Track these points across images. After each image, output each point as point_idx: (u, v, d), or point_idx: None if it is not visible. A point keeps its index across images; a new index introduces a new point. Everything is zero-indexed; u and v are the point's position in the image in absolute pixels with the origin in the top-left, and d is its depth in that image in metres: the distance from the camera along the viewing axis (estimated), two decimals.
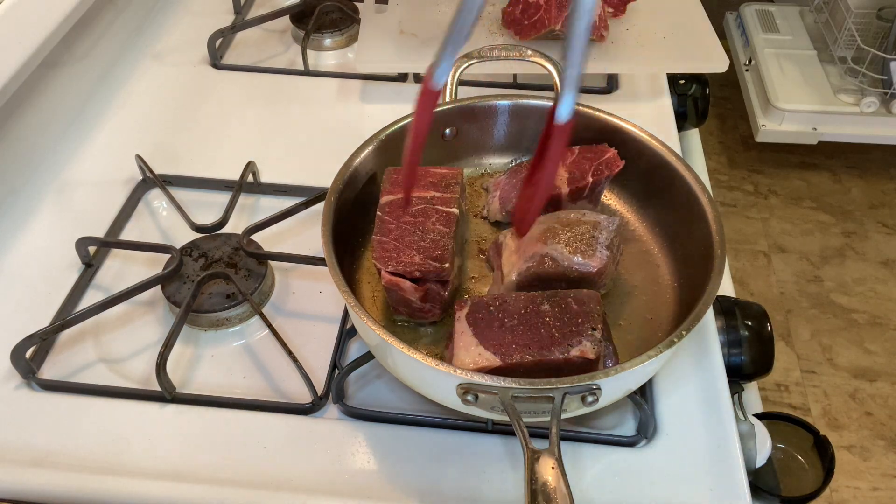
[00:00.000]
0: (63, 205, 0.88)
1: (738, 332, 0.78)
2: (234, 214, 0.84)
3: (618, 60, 1.02)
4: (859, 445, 1.79)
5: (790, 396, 1.89)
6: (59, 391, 0.70)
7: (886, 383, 1.91)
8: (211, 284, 0.76)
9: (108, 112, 1.00)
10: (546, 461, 0.52)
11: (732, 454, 0.67)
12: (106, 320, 0.76)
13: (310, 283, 0.80)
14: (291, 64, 1.11)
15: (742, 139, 2.56)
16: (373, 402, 0.70)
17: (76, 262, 0.80)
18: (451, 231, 0.69)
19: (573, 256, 0.68)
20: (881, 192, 2.40)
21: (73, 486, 0.64)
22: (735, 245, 2.23)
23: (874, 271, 2.18)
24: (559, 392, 0.56)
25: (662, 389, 0.71)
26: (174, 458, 0.66)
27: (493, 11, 1.09)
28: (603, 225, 0.70)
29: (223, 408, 0.69)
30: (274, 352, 0.73)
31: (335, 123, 1.00)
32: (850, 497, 1.71)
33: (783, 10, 2.46)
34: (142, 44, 1.12)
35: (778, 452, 0.84)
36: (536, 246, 0.69)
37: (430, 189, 0.72)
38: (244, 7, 1.20)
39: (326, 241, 0.65)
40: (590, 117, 0.80)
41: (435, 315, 0.70)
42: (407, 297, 0.67)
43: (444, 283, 0.67)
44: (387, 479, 0.65)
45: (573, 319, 0.62)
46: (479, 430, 0.68)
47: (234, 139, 0.97)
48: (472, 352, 0.61)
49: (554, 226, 0.71)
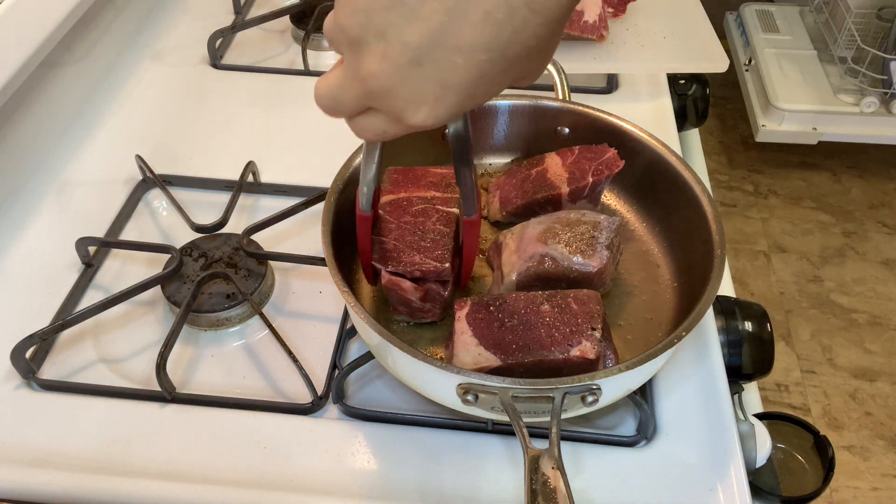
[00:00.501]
0: (63, 205, 0.88)
1: (738, 332, 0.78)
2: (234, 214, 0.84)
3: (618, 60, 1.02)
4: (859, 445, 1.79)
5: (790, 396, 1.89)
6: (59, 391, 0.70)
7: (886, 383, 1.91)
8: (211, 284, 0.76)
9: (108, 112, 1.00)
10: (546, 461, 0.52)
11: (732, 454, 0.67)
12: (106, 320, 0.76)
13: (310, 283, 0.80)
14: (291, 64, 1.11)
15: (742, 139, 2.56)
16: (373, 402, 0.70)
17: (76, 262, 0.80)
18: (451, 231, 0.69)
19: (573, 256, 0.68)
20: (881, 192, 2.40)
21: (73, 486, 0.64)
22: (735, 245, 2.23)
23: (874, 271, 2.18)
24: (559, 392, 0.56)
25: (662, 389, 0.71)
26: (174, 458, 0.66)
27: None
28: (603, 225, 0.70)
29: (223, 408, 0.69)
30: (274, 352, 0.73)
31: (335, 123, 0.98)
32: (850, 497, 1.71)
33: (783, 10, 2.46)
34: (142, 44, 1.12)
35: (778, 452, 0.84)
36: (536, 246, 0.69)
37: (430, 189, 0.72)
38: (244, 7, 1.20)
39: (326, 241, 0.65)
40: (590, 117, 0.80)
41: (435, 315, 0.70)
42: (407, 297, 0.67)
43: (444, 283, 0.67)
44: (387, 479, 0.65)
45: (573, 319, 0.62)
46: (479, 430, 0.68)
47: (234, 139, 0.97)
48: (472, 352, 0.61)
49: (554, 226, 0.71)
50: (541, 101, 0.82)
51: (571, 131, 0.82)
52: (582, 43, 1.03)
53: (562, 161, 0.78)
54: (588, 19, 1.00)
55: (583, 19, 1.00)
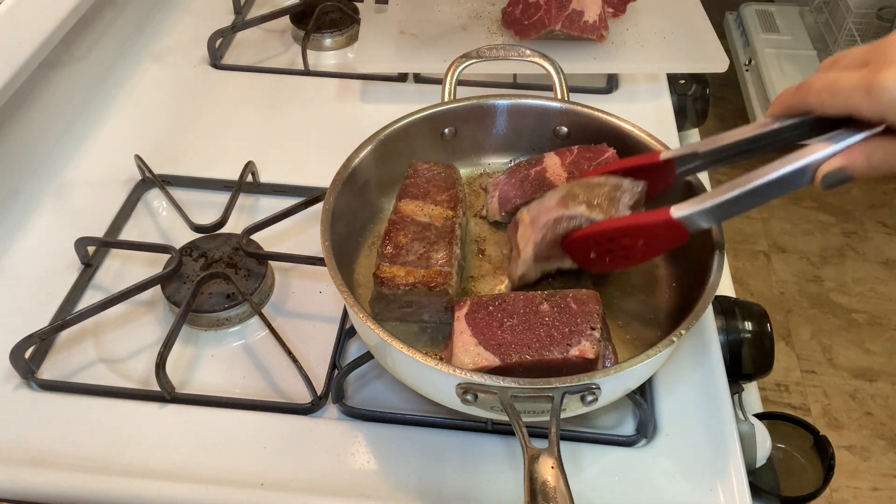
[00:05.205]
0: (62, 205, 0.88)
1: (738, 332, 0.78)
2: (234, 214, 0.84)
3: (618, 60, 1.02)
4: (859, 445, 1.79)
5: (790, 396, 1.89)
6: (58, 391, 0.70)
7: (886, 383, 1.91)
8: (211, 284, 0.76)
9: (107, 112, 1.00)
10: (545, 461, 0.52)
11: (732, 454, 0.67)
12: (105, 320, 0.76)
13: (310, 283, 0.80)
14: (291, 64, 1.11)
15: None
16: (372, 402, 0.70)
17: (75, 262, 0.80)
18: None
19: (593, 214, 0.65)
20: (881, 192, 2.40)
21: (73, 486, 0.64)
22: (735, 245, 2.23)
23: (874, 271, 2.18)
24: (558, 392, 0.56)
25: (662, 389, 0.71)
26: (174, 458, 0.66)
27: (493, 11, 1.09)
28: (625, 187, 0.67)
29: (223, 408, 0.69)
30: (274, 352, 0.73)
31: (335, 123, 1.00)
32: (850, 497, 1.71)
33: (783, 10, 2.46)
34: (142, 44, 1.12)
35: (778, 452, 0.84)
36: (552, 212, 0.67)
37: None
38: (244, 7, 1.20)
39: (325, 241, 0.65)
40: (590, 117, 0.80)
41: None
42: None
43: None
44: (387, 479, 0.65)
45: (572, 319, 0.62)
46: (479, 430, 0.68)
47: (234, 139, 0.97)
48: (472, 352, 0.61)
49: (574, 189, 0.68)
50: (540, 100, 0.82)
51: (570, 131, 0.82)
52: (582, 43, 1.03)
53: (561, 161, 0.78)
54: (588, 19, 1.00)
55: (583, 19, 1.00)
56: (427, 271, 0.66)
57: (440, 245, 0.68)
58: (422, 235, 0.69)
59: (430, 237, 0.69)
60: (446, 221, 0.70)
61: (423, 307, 0.68)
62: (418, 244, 0.68)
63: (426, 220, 0.70)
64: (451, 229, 0.70)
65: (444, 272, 0.66)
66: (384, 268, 0.66)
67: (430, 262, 0.67)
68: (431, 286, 0.66)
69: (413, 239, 0.68)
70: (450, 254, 0.68)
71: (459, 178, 0.77)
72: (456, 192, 0.74)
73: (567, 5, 0.99)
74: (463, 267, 0.74)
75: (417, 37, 1.05)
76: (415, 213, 0.71)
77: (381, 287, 0.66)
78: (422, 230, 0.69)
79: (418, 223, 0.70)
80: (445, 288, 0.66)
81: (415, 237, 0.69)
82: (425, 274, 0.66)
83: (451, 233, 0.69)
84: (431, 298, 0.67)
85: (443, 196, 0.73)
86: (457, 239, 0.70)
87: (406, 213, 0.71)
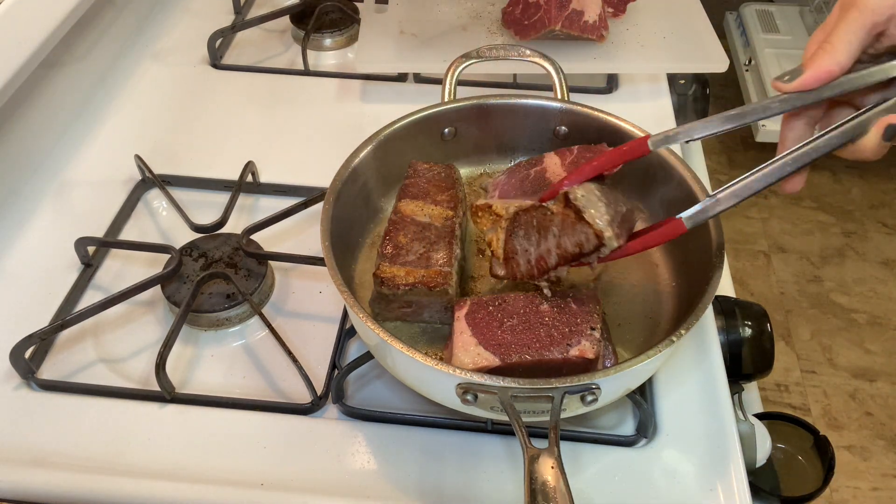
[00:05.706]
0: (62, 205, 0.88)
1: (738, 332, 0.78)
2: (234, 214, 0.84)
3: (618, 60, 1.02)
4: (859, 445, 1.79)
5: (790, 396, 1.89)
6: (58, 391, 0.70)
7: (886, 383, 1.91)
8: (211, 284, 0.76)
9: (107, 112, 1.00)
10: (545, 461, 0.52)
11: (732, 454, 0.67)
12: (105, 320, 0.76)
13: (310, 283, 0.80)
14: (291, 64, 1.11)
15: (742, 139, 2.55)
16: (372, 402, 0.70)
17: (75, 262, 0.80)
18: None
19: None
20: (881, 192, 2.40)
21: (73, 486, 0.64)
22: (735, 245, 2.23)
23: (874, 271, 2.18)
24: (558, 392, 0.56)
25: (662, 389, 0.71)
26: (174, 458, 0.66)
27: (493, 11, 1.09)
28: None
29: (223, 408, 0.69)
30: (274, 352, 0.73)
31: (335, 123, 1.00)
32: (850, 497, 1.71)
33: (783, 10, 2.46)
34: (142, 44, 1.12)
35: (778, 452, 0.84)
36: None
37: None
38: (244, 7, 1.20)
39: (325, 241, 0.65)
40: (590, 117, 0.80)
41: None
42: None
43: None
44: (387, 479, 0.65)
45: (572, 319, 0.62)
46: (479, 430, 0.68)
47: (234, 139, 0.97)
48: (472, 352, 0.61)
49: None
50: (540, 100, 0.82)
51: (570, 131, 0.82)
52: (582, 43, 1.03)
53: (560, 160, 0.78)
54: (588, 19, 1.00)
55: (583, 19, 1.00)
56: (427, 271, 0.66)
57: (440, 245, 0.68)
58: (422, 235, 0.69)
59: (430, 237, 0.69)
60: (446, 221, 0.71)
61: (423, 307, 0.68)
62: (418, 244, 0.68)
63: (426, 220, 0.70)
64: (451, 229, 0.70)
65: (444, 272, 0.66)
66: (384, 268, 0.66)
67: (430, 262, 0.67)
68: (431, 286, 0.66)
69: (413, 239, 0.69)
70: (450, 254, 0.68)
71: (459, 178, 0.77)
72: (456, 192, 0.74)
73: (567, 5, 0.99)
74: (463, 267, 0.74)
75: (417, 37, 1.05)
76: (415, 213, 0.71)
77: (381, 287, 0.66)
78: (422, 230, 0.69)
79: (418, 223, 0.70)
80: (445, 288, 0.66)
81: (415, 237, 0.69)
82: (425, 274, 0.66)
83: (451, 233, 0.70)
84: (431, 298, 0.67)
85: (443, 196, 0.73)
86: (457, 239, 0.70)
87: (406, 213, 0.71)
